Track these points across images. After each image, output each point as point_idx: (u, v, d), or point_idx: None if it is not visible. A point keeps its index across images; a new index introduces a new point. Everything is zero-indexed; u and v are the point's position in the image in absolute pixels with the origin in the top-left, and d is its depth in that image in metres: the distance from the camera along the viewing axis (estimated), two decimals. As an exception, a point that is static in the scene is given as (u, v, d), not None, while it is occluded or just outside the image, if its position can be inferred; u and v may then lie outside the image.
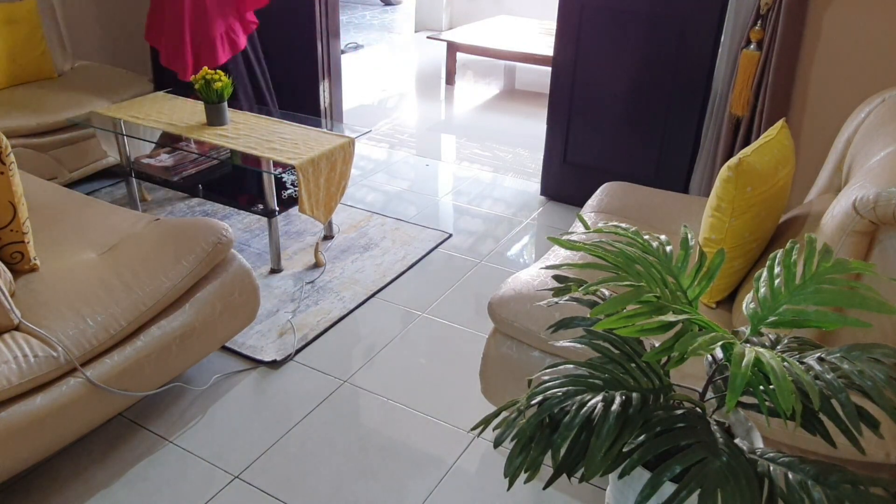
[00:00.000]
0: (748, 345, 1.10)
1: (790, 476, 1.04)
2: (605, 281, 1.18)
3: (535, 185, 3.71)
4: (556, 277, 1.38)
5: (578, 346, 1.30)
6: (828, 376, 1.06)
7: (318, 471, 1.93)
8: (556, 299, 1.33)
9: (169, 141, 3.18)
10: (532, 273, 1.94)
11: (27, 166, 3.06)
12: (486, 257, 3.03)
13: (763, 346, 1.20)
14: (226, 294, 2.08)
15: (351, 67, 6.00)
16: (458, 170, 3.98)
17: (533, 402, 1.17)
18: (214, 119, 2.88)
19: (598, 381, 1.20)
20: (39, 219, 2.15)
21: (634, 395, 1.16)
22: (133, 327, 1.84)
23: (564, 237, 1.30)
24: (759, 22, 2.68)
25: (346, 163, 2.84)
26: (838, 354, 1.12)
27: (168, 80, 3.49)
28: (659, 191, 2.47)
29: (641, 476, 1.21)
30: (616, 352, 1.28)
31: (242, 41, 3.38)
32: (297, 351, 2.39)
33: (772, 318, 1.17)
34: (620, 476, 1.08)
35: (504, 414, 1.22)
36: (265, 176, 2.71)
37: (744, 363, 1.01)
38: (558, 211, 3.45)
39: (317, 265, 2.89)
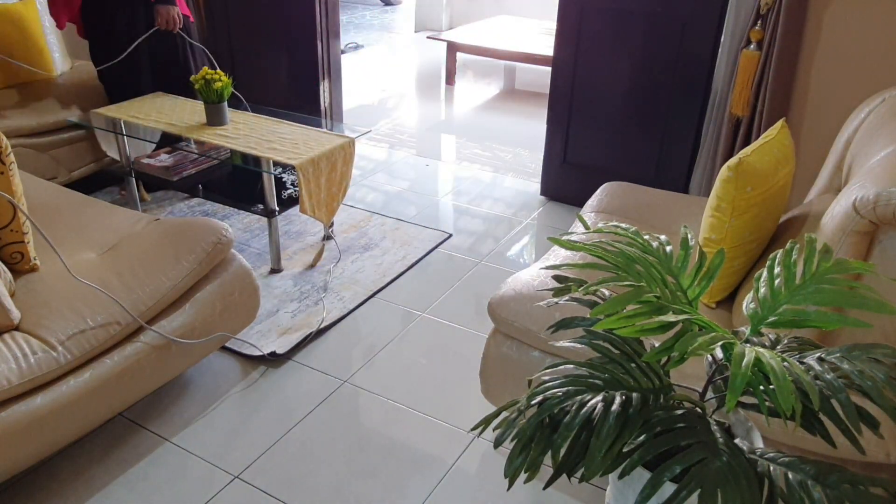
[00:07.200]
0: (748, 345, 1.10)
1: (790, 476, 1.04)
2: (605, 281, 1.18)
3: (535, 185, 3.71)
4: (556, 277, 1.38)
5: (578, 346, 1.30)
6: (828, 376, 1.06)
7: (318, 471, 1.93)
8: (555, 299, 1.33)
9: (169, 141, 3.18)
10: (532, 273, 1.94)
11: (27, 166, 3.06)
12: (486, 257, 3.02)
13: (763, 346, 1.20)
14: (226, 294, 2.08)
15: (351, 67, 6.00)
16: (458, 170, 3.98)
17: (533, 402, 1.17)
18: (214, 119, 2.87)
19: (598, 381, 1.20)
20: (39, 219, 2.14)
21: (634, 395, 1.16)
22: (133, 327, 1.84)
23: (564, 237, 1.30)
24: (759, 22, 2.68)
25: (346, 163, 2.83)
26: (838, 354, 1.12)
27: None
28: (659, 191, 2.47)
29: (641, 476, 1.21)
30: (616, 352, 1.28)
31: None
32: (298, 351, 2.39)
33: (772, 318, 1.17)
34: (620, 476, 1.08)
35: (504, 414, 1.22)
36: (265, 176, 2.71)
37: (744, 363, 1.01)
38: (558, 211, 3.45)
39: (312, 264, 2.88)
